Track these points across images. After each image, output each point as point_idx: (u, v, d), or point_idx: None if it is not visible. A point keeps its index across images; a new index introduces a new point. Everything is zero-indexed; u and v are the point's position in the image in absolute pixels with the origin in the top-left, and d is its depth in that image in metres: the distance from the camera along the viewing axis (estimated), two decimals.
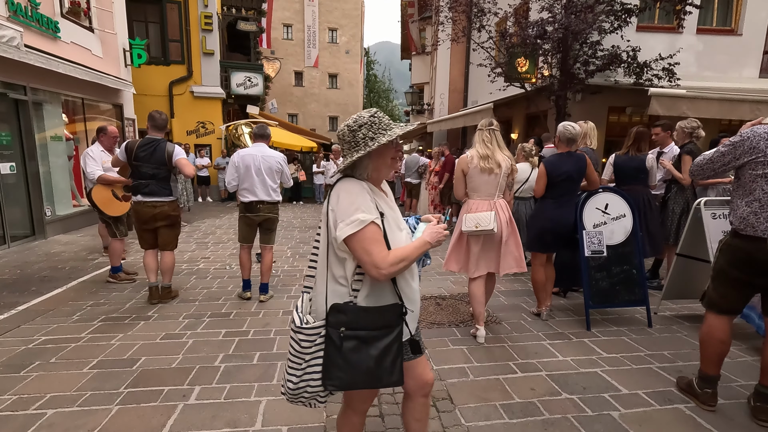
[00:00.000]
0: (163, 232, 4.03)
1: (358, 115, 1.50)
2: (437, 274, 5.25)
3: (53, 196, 7.41)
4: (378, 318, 1.46)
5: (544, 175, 3.53)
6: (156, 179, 3.88)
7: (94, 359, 2.92)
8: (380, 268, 1.39)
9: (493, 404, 2.44)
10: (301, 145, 13.90)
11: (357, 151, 1.47)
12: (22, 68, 6.20)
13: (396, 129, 1.51)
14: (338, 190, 1.49)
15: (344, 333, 1.42)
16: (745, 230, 2.21)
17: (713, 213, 3.45)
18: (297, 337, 1.48)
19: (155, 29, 12.91)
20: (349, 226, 1.40)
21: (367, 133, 1.47)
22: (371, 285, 1.48)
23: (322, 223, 1.56)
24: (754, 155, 2.14)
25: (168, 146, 3.90)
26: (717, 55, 8.68)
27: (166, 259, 4.09)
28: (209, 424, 2.23)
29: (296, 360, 1.50)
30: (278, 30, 30.42)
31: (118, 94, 9.48)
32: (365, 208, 1.43)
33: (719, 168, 2.32)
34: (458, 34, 9.90)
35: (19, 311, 3.83)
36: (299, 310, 1.56)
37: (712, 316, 2.40)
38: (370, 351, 1.43)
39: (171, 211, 4.01)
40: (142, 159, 3.83)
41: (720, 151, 2.28)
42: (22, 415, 2.28)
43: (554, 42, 7.62)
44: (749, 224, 2.18)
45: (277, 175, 4.06)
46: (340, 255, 1.49)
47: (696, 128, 4.36)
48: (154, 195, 3.89)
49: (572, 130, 3.50)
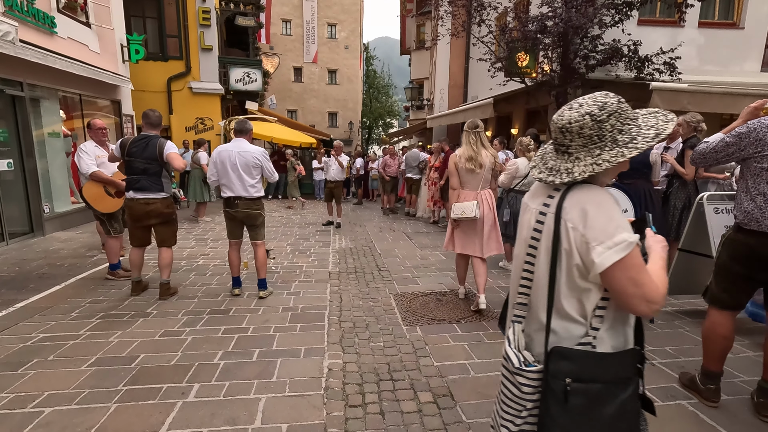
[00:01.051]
0: (159, 230, 4.04)
1: (603, 101, 1.14)
2: (438, 270, 5.23)
3: (51, 193, 7.38)
4: (616, 367, 1.14)
5: None
6: (147, 174, 3.88)
7: (93, 357, 2.90)
8: (654, 303, 1.09)
9: (495, 401, 2.41)
10: (301, 141, 13.84)
11: (603, 148, 1.15)
12: (19, 64, 6.15)
13: (649, 118, 1.17)
14: (582, 201, 1.14)
15: (571, 386, 1.11)
16: (749, 225, 2.18)
17: (716, 208, 3.42)
18: (516, 380, 1.20)
19: (153, 24, 12.80)
20: (614, 249, 1.06)
21: (615, 124, 1.14)
22: (612, 323, 1.16)
23: (541, 243, 1.21)
24: (760, 148, 2.10)
25: (160, 141, 3.90)
26: (719, 48, 8.62)
27: (164, 255, 4.08)
28: (208, 422, 2.21)
29: (515, 406, 1.22)
30: (277, 25, 30.26)
31: (115, 90, 9.41)
32: (625, 225, 1.11)
33: (722, 158, 2.27)
34: (458, 28, 9.84)
35: (17, 309, 3.80)
36: (513, 345, 1.27)
37: (715, 311, 2.37)
38: (605, 410, 1.11)
39: (164, 209, 3.99)
40: (134, 154, 3.86)
41: (725, 141, 2.23)
42: (20, 413, 2.26)
43: (554, 36, 7.57)
44: (753, 218, 2.15)
45: (255, 171, 4.01)
46: (582, 285, 1.14)
47: (700, 122, 4.32)
48: (146, 191, 3.89)
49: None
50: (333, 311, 3.83)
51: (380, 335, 3.32)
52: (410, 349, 3.07)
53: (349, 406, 2.38)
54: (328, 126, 32.70)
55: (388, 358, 2.93)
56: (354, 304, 4.02)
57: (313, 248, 6.41)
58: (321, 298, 4.16)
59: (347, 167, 8.75)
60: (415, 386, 2.58)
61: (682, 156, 4.32)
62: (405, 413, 2.31)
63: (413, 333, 3.35)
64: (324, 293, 4.32)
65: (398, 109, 38.72)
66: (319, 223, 8.75)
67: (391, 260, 5.72)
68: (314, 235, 7.42)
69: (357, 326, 3.50)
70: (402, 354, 3.00)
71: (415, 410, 2.34)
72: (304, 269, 5.23)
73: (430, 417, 2.28)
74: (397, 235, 7.60)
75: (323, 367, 2.80)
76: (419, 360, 2.91)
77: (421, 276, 4.98)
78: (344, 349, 3.07)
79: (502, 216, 5.08)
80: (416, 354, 3.00)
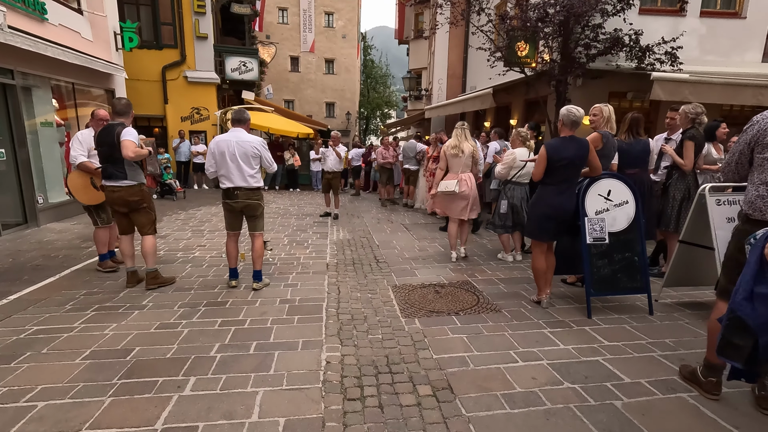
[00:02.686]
0: (134, 217, 4.07)
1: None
2: (436, 262, 5.20)
3: (45, 184, 7.28)
4: None
5: (545, 158, 3.45)
6: (110, 162, 3.88)
7: (87, 350, 2.86)
8: None
9: (494, 394, 2.40)
10: (298, 132, 13.71)
11: None
12: (9, 51, 6.02)
13: None
14: None
15: None
16: (753, 214, 2.17)
17: (718, 199, 3.38)
18: None
19: (146, 12, 12.57)
20: None
21: None
22: None
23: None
24: (760, 136, 2.16)
25: (118, 128, 3.81)
26: (720, 38, 8.52)
27: (144, 243, 4.08)
28: (205, 415, 2.18)
29: None
30: (273, 14, 29.85)
31: (109, 78, 9.26)
32: None
33: (738, 159, 2.31)
34: (457, 17, 9.68)
35: (10, 301, 3.75)
36: None
37: (722, 303, 2.35)
38: None
39: (128, 197, 3.95)
40: (100, 143, 3.90)
41: (736, 143, 2.32)
42: (12, 407, 2.22)
43: (555, 25, 7.46)
44: (757, 208, 2.15)
45: (254, 161, 3.96)
46: None
47: (700, 114, 4.26)
48: (111, 179, 3.92)
49: (576, 113, 3.43)
50: (331, 303, 3.80)
51: (379, 327, 3.29)
52: (409, 342, 3.04)
53: (348, 399, 2.35)
54: (326, 116, 32.45)
55: (386, 351, 2.91)
56: (352, 296, 3.99)
57: (310, 239, 6.36)
58: (319, 290, 4.13)
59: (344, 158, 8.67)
60: (414, 379, 2.55)
61: (681, 147, 4.28)
62: (404, 407, 2.29)
63: (412, 325, 3.33)
64: (322, 285, 4.29)
65: (396, 100, 38.39)
66: (316, 214, 8.69)
67: (389, 252, 5.68)
68: (312, 227, 7.37)
69: (355, 318, 3.47)
70: (401, 346, 2.98)
71: (414, 403, 2.31)
72: (301, 261, 5.19)
73: (429, 410, 2.25)
74: (395, 226, 7.56)
75: (321, 360, 2.77)
76: (418, 353, 2.88)
77: (419, 267, 4.95)
78: (342, 342, 3.04)
79: (500, 207, 5.04)
80: (415, 346, 2.97)
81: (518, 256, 5.25)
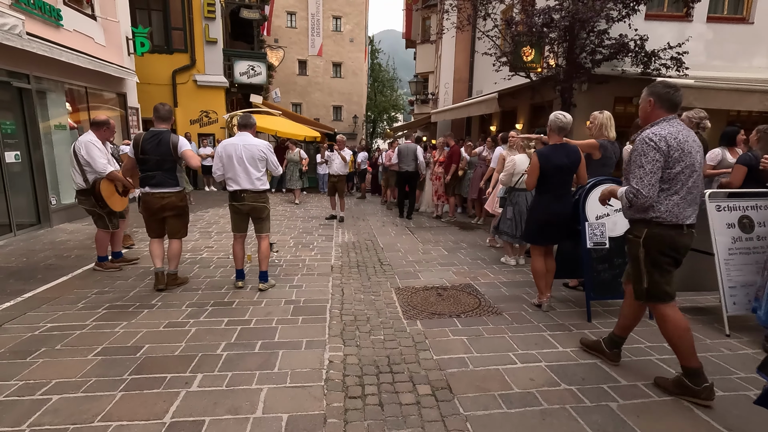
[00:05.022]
0: (171, 222, 4.11)
1: None
2: (439, 264, 5.26)
3: (58, 185, 7.46)
4: None
5: (537, 167, 3.53)
6: (162, 170, 3.94)
7: (99, 346, 2.96)
8: None
9: (492, 394, 2.46)
10: (305, 135, 13.85)
11: None
12: (25, 56, 6.19)
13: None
14: None
15: None
16: (668, 220, 2.37)
17: (718, 205, 3.42)
18: None
19: (158, 17, 12.83)
20: None
21: None
22: None
23: None
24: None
25: (172, 137, 3.94)
26: (727, 44, 8.51)
27: (173, 246, 4.16)
28: (211, 410, 2.26)
29: None
30: (282, 18, 30.17)
31: (121, 82, 9.46)
32: None
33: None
34: (463, 22, 9.77)
35: (24, 299, 3.88)
36: None
37: (669, 307, 2.43)
38: None
39: (178, 202, 4.07)
40: (148, 151, 3.90)
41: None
42: (28, 400, 2.33)
43: (561, 30, 7.51)
44: (673, 214, 2.37)
45: (261, 164, 4.06)
46: None
47: (703, 119, 4.29)
48: (161, 186, 3.96)
49: (563, 119, 3.53)
50: (335, 304, 3.87)
51: (381, 328, 3.36)
52: (410, 343, 3.11)
53: (349, 397, 2.42)
54: (333, 119, 32.66)
55: (388, 351, 2.97)
56: (356, 298, 4.06)
57: (316, 242, 6.45)
58: (323, 292, 4.21)
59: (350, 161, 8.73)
60: (414, 379, 2.62)
61: None
62: (403, 405, 2.35)
63: (413, 327, 3.39)
64: (326, 286, 4.36)
65: (403, 103, 38.54)
66: (322, 217, 8.79)
67: (393, 254, 5.75)
68: (317, 229, 7.47)
69: (358, 319, 3.54)
70: (402, 347, 3.04)
71: (414, 402, 2.38)
72: (307, 263, 5.27)
73: (428, 409, 2.32)
74: (400, 229, 7.63)
75: (324, 359, 2.85)
76: (419, 353, 2.95)
77: (422, 270, 5.01)
78: (345, 342, 3.11)
79: (506, 213, 5.09)
80: (416, 347, 3.04)
81: (521, 260, 5.29)
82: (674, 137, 2.30)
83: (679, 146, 2.29)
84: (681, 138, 2.31)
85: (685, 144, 2.31)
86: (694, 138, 2.38)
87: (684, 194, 2.34)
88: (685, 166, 2.31)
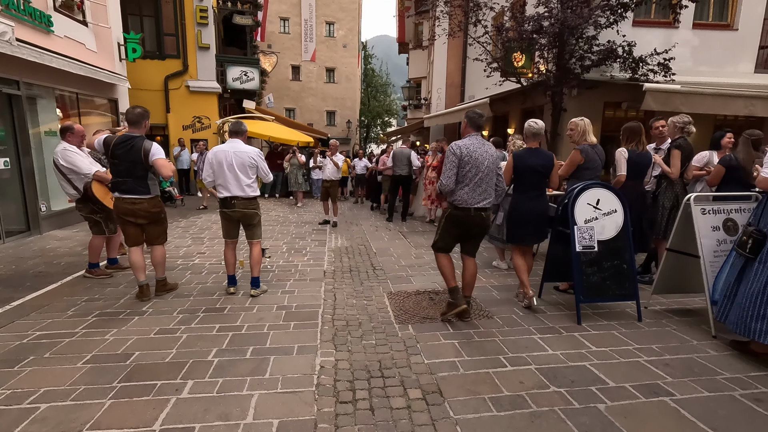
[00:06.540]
0: (148, 229, 4.01)
1: None
2: (432, 269, 5.28)
3: (48, 192, 7.40)
4: None
5: (511, 166, 3.87)
6: (133, 177, 3.81)
7: (88, 354, 2.94)
8: None
9: (482, 397, 2.47)
10: (298, 140, 13.86)
11: None
12: (15, 63, 6.17)
13: None
14: None
15: None
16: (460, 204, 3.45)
17: (703, 208, 3.48)
18: None
19: (150, 23, 12.82)
20: None
21: None
22: None
23: None
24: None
25: (145, 144, 3.77)
26: (713, 49, 8.68)
27: (156, 252, 4.10)
28: (201, 417, 2.26)
29: None
30: (275, 23, 30.24)
31: (112, 88, 9.43)
32: None
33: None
34: (454, 28, 9.87)
35: (13, 307, 3.84)
36: None
37: (443, 256, 3.65)
38: None
39: (150, 208, 3.94)
40: (118, 156, 3.76)
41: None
42: (16, 409, 2.31)
43: (550, 37, 7.62)
44: (463, 200, 3.42)
45: (251, 170, 4.05)
46: None
47: (687, 123, 4.38)
48: (132, 193, 3.84)
49: (535, 125, 3.86)
50: (327, 310, 3.88)
51: (372, 333, 3.37)
52: (401, 347, 3.12)
53: (340, 402, 2.43)
54: (326, 125, 32.71)
55: (379, 356, 2.99)
56: (348, 303, 4.07)
57: (308, 247, 6.46)
58: (315, 297, 4.21)
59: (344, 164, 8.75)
60: (405, 383, 2.63)
61: (668, 156, 4.38)
62: (394, 409, 2.36)
63: (405, 331, 3.41)
64: (318, 292, 4.37)
65: (396, 108, 38.71)
66: (315, 222, 8.79)
67: (386, 259, 5.77)
68: (310, 234, 7.47)
69: (350, 324, 3.55)
70: (393, 352, 3.05)
71: (404, 406, 2.39)
72: (299, 268, 5.27)
73: (418, 413, 2.33)
74: (393, 234, 7.65)
75: (315, 364, 2.85)
76: (410, 357, 2.96)
77: (415, 275, 5.03)
78: (336, 347, 3.12)
79: (496, 219, 5.13)
80: (407, 352, 3.05)
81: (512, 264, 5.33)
82: (467, 147, 3.37)
83: (469, 153, 3.35)
84: (472, 148, 3.38)
85: (474, 153, 3.37)
86: (486, 150, 3.43)
87: (472, 187, 3.39)
88: (470, 168, 3.36)
